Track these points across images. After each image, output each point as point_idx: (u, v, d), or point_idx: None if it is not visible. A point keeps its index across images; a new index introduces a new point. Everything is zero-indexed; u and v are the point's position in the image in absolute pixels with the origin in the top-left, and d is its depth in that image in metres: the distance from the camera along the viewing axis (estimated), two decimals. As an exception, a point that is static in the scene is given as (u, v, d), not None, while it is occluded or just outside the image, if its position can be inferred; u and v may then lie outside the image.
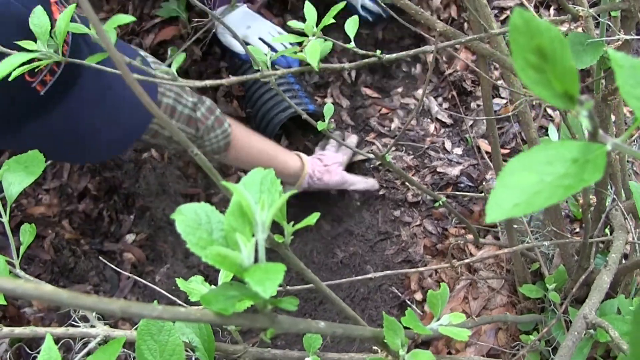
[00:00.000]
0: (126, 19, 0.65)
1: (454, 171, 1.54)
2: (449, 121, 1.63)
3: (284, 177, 1.44)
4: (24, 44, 0.60)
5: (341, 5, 0.70)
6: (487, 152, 1.53)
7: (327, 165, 1.48)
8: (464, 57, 1.64)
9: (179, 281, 0.63)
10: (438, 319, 0.53)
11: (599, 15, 0.70)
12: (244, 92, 1.64)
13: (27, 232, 0.65)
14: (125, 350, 0.63)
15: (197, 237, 0.33)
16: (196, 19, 1.59)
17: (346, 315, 0.46)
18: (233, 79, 0.74)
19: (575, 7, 0.70)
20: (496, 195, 0.31)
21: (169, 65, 0.65)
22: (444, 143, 1.60)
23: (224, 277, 0.46)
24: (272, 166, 1.47)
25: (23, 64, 0.58)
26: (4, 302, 0.62)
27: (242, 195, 0.32)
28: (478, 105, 1.61)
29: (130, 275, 0.98)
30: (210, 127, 1.24)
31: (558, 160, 0.32)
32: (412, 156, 1.58)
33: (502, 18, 1.65)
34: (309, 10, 0.59)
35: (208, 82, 0.72)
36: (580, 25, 0.72)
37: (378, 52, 0.75)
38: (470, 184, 1.52)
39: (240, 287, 0.34)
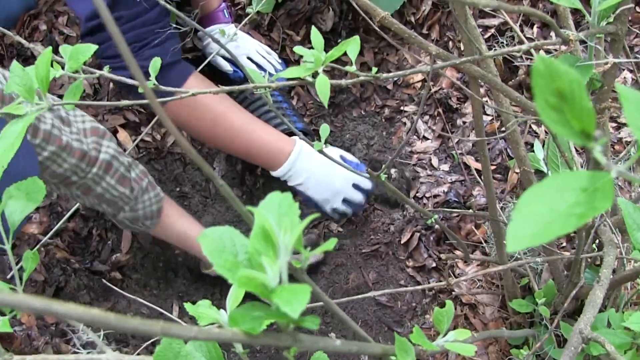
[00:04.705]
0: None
1: (442, 188, 1.56)
2: (434, 138, 1.65)
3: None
4: (11, 109, 0.58)
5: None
6: (475, 169, 1.56)
7: None
8: (450, 74, 1.67)
9: (187, 305, 0.63)
10: (444, 335, 0.54)
11: (587, 38, 0.73)
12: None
13: (30, 259, 0.65)
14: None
15: (224, 259, 0.34)
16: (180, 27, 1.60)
17: (357, 334, 0.47)
18: (224, 88, 0.75)
19: (565, 32, 0.73)
20: (515, 225, 0.33)
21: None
22: (430, 160, 1.62)
23: (234, 298, 0.47)
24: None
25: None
26: (9, 329, 0.61)
27: (266, 219, 0.34)
28: (464, 122, 1.63)
29: (124, 293, 0.98)
30: (144, 188, 1.23)
31: (568, 190, 0.34)
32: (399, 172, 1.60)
33: (486, 36, 1.68)
34: (316, 38, 0.60)
35: (195, 91, 0.73)
36: (569, 49, 0.75)
37: (374, 70, 0.77)
38: (456, 199, 1.54)
39: (263, 308, 0.35)
